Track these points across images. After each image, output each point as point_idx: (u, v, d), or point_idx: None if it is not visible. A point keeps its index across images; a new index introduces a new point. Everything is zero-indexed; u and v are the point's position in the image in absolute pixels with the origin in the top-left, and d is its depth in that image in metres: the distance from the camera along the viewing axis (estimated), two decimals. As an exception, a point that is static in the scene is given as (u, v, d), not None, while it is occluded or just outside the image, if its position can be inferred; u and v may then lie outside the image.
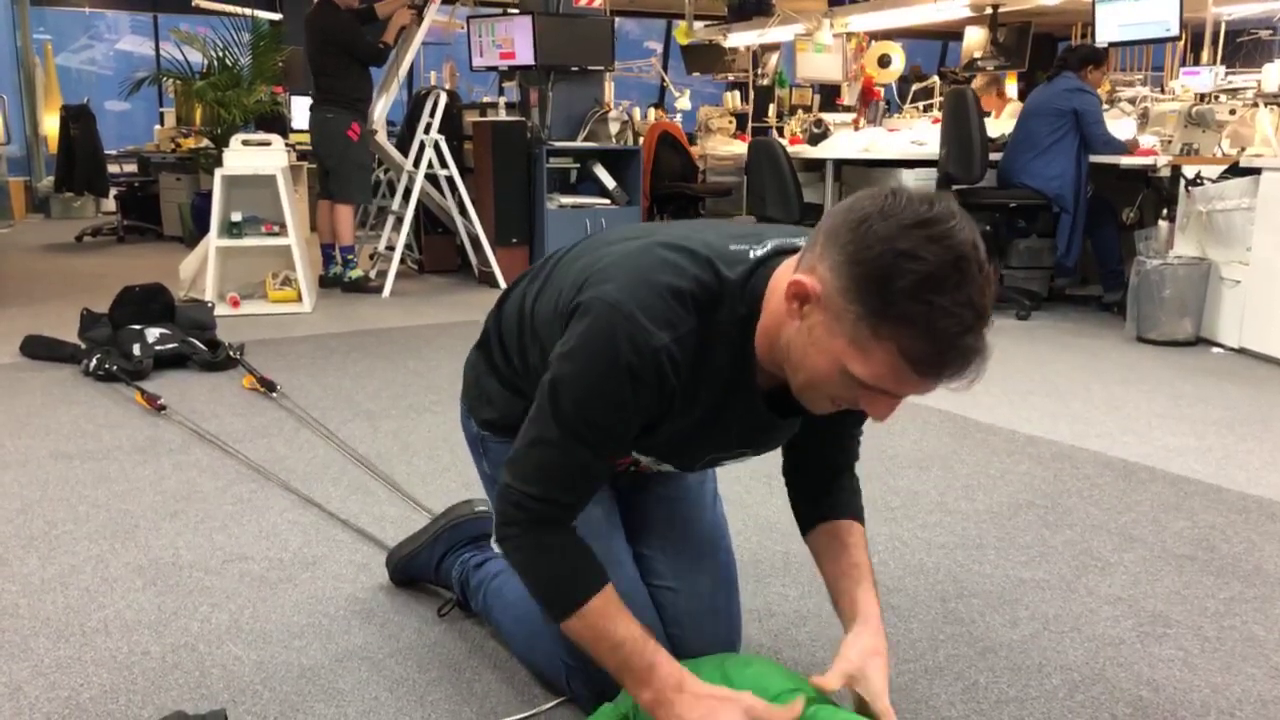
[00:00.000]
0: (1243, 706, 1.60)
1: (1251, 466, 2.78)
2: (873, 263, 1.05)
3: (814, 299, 1.11)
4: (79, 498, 2.46)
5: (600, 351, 1.19)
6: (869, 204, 1.08)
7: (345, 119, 5.52)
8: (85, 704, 1.58)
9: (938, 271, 1.03)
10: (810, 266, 1.13)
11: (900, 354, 1.06)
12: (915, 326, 1.04)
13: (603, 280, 1.23)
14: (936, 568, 2.11)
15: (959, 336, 1.04)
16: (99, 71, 11.01)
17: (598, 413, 1.22)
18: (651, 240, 1.28)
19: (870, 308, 1.06)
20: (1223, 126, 4.76)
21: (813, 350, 1.14)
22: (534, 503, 1.25)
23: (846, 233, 1.08)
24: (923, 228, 1.04)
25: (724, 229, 1.33)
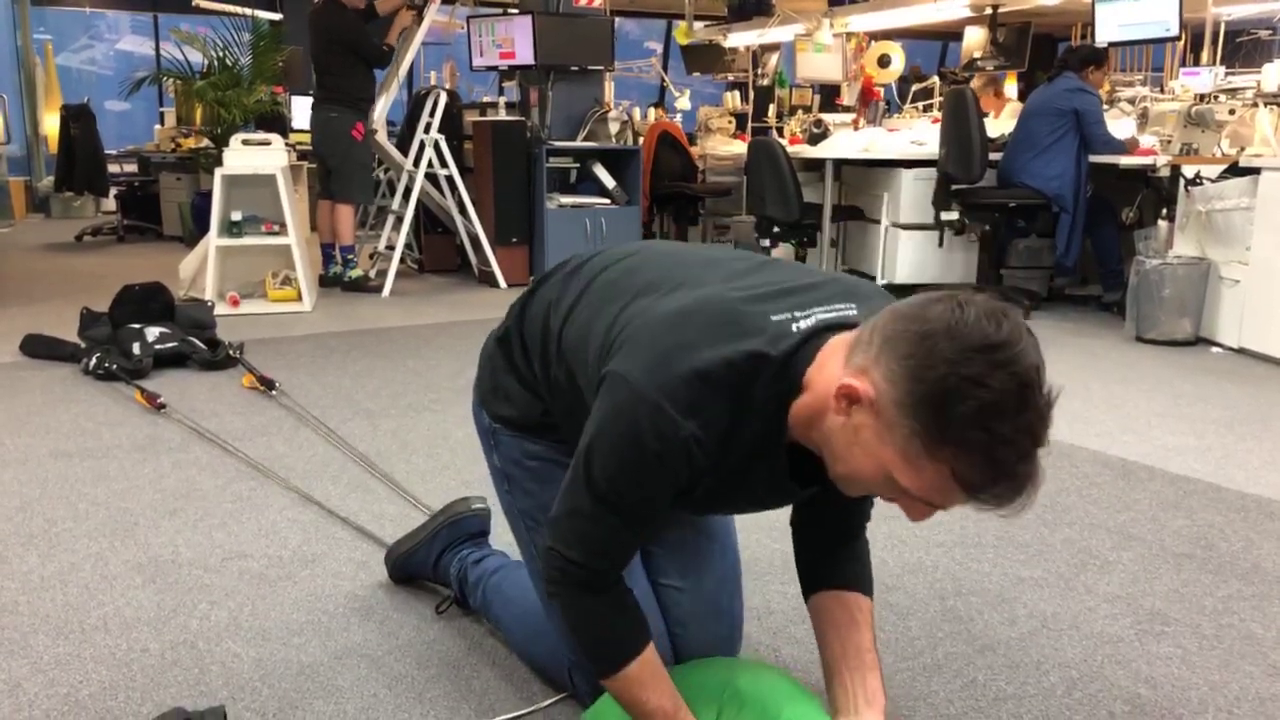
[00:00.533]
0: (1240, 704, 1.60)
1: (1250, 465, 2.78)
2: (935, 383, 1.01)
3: (866, 404, 1.08)
4: (78, 495, 2.46)
5: (626, 435, 1.18)
6: (935, 317, 1.04)
7: (349, 118, 5.52)
8: (84, 701, 1.59)
9: (1002, 400, 0.99)
10: (863, 368, 1.08)
11: (953, 476, 1.04)
12: (973, 453, 1.01)
13: (630, 356, 1.19)
14: (935, 565, 2.11)
15: (1015, 465, 1.02)
16: (99, 71, 11.01)
17: (627, 489, 1.21)
18: (689, 304, 1.22)
19: (927, 427, 1.02)
20: (1222, 126, 4.76)
21: (858, 450, 1.10)
22: (576, 568, 1.26)
23: (907, 345, 1.04)
24: (990, 352, 1.00)
25: (775, 278, 1.27)
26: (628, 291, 1.31)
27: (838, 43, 6.93)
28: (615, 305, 1.30)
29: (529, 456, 1.53)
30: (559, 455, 1.50)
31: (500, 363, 1.55)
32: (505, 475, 1.58)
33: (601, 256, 1.46)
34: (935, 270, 5.53)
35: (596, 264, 1.44)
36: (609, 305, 1.31)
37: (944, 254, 5.50)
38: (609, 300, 1.32)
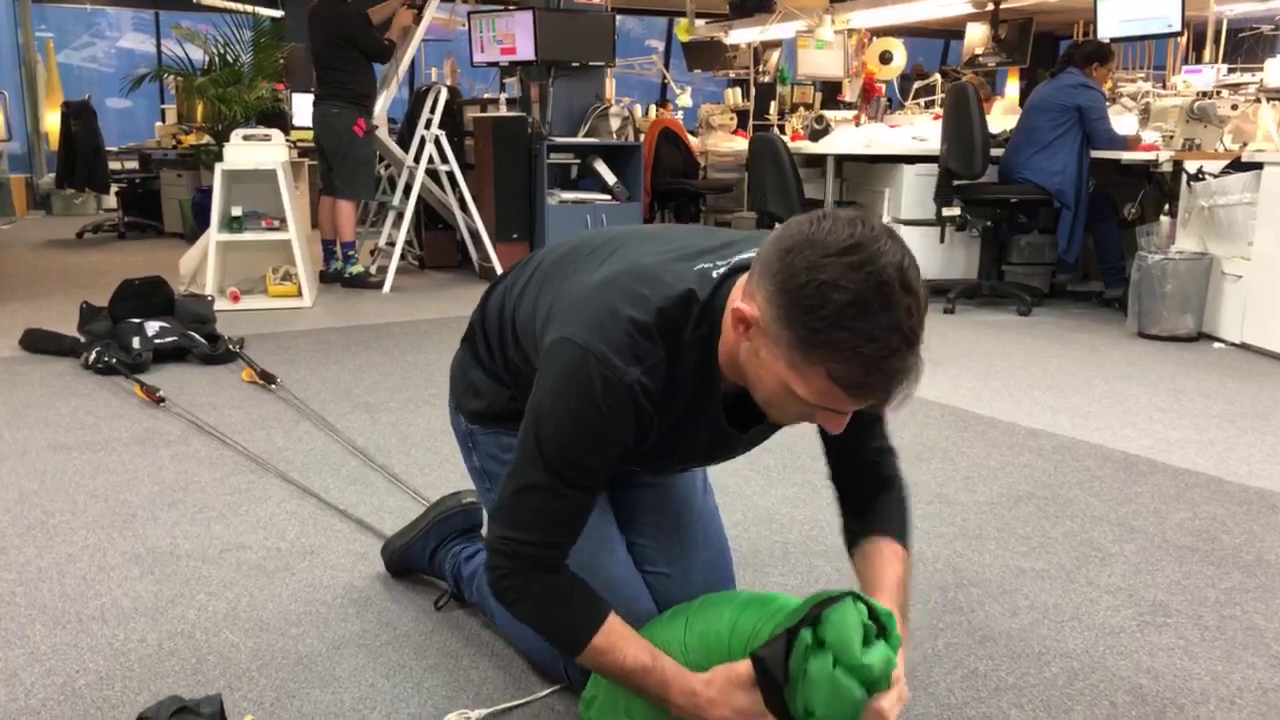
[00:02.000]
0: (1243, 694, 1.60)
1: (1253, 459, 2.77)
2: (797, 291, 1.08)
3: (754, 325, 1.15)
4: (76, 488, 2.46)
5: (575, 393, 1.22)
6: (796, 231, 1.11)
7: (351, 115, 5.50)
8: (81, 690, 1.58)
9: (859, 299, 1.05)
10: (750, 293, 1.16)
11: (830, 377, 1.10)
12: (841, 352, 1.07)
13: (569, 319, 1.26)
14: (936, 557, 2.10)
15: (884, 360, 1.07)
16: (100, 69, 11.01)
17: (581, 453, 1.25)
18: (618, 269, 1.30)
19: (799, 335, 1.09)
20: (1224, 121, 4.75)
21: (761, 371, 1.17)
22: (529, 548, 1.28)
23: (776, 261, 1.11)
24: (845, 255, 1.06)
25: (697, 241, 1.35)
26: (568, 267, 1.39)
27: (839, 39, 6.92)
28: (556, 281, 1.37)
29: (506, 450, 1.55)
30: None
31: (468, 361, 1.62)
32: (485, 473, 1.62)
33: (551, 245, 1.53)
34: (937, 266, 5.52)
35: (545, 250, 1.51)
36: (551, 281, 1.39)
37: (945, 250, 5.49)
38: (551, 277, 1.40)
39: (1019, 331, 4.60)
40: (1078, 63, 5.00)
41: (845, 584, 2.01)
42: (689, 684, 1.28)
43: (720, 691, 1.26)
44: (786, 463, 2.69)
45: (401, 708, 1.54)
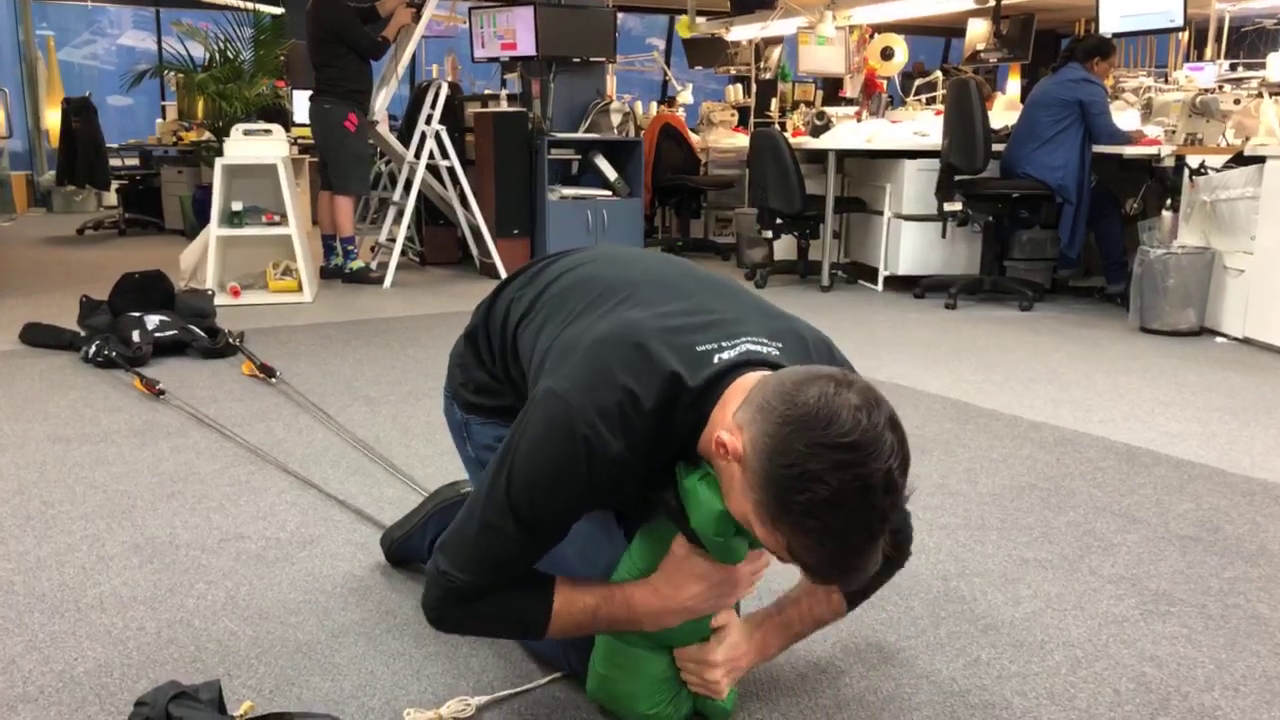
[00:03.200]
0: (1247, 682, 1.59)
1: (1256, 451, 2.77)
2: (783, 470, 1.06)
3: (735, 458, 1.13)
4: (76, 479, 2.45)
5: (556, 452, 1.21)
6: (803, 402, 1.07)
7: (342, 110, 5.51)
8: (79, 677, 1.57)
9: (837, 499, 1.04)
10: (741, 425, 1.13)
11: (790, 551, 1.10)
12: (807, 537, 1.07)
13: (563, 372, 1.24)
14: (938, 547, 2.09)
15: (842, 557, 1.08)
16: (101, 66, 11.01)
17: (549, 508, 1.24)
18: (621, 326, 1.27)
19: (769, 504, 1.09)
20: (1227, 116, 4.74)
21: (733, 494, 1.15)
22: (470, 587, 1.28)
23: (772, 424, 1.08)
24: (839, 451, 1.04)
25: (712, 305, 1.33)
26: (575, 304, 1.37)
27: (840, 35, 6.91)
28: (560, 318, 1.37)
29: (499, 441, 1.53)
30: None
31: (470, 359, 1.61)
32: (479, 463, 1.61)
33: (560, 262, 1.52)
34: (938, 262, 5.51)
35: (554, 270, 1.50)
36: (556, 316, 1.38)
37: (947, 245, 5.48)
38: (557, 311, 1.39)
39: (1021, 327, 4.59)
40: (1079, 58, 4.99)
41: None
42: (647, 588, 1.32)
43: (673, 574, 1.30)
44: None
45: (401, 695, 1.53)
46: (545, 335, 1.37)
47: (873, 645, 1.69)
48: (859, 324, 4.60)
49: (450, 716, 1.45)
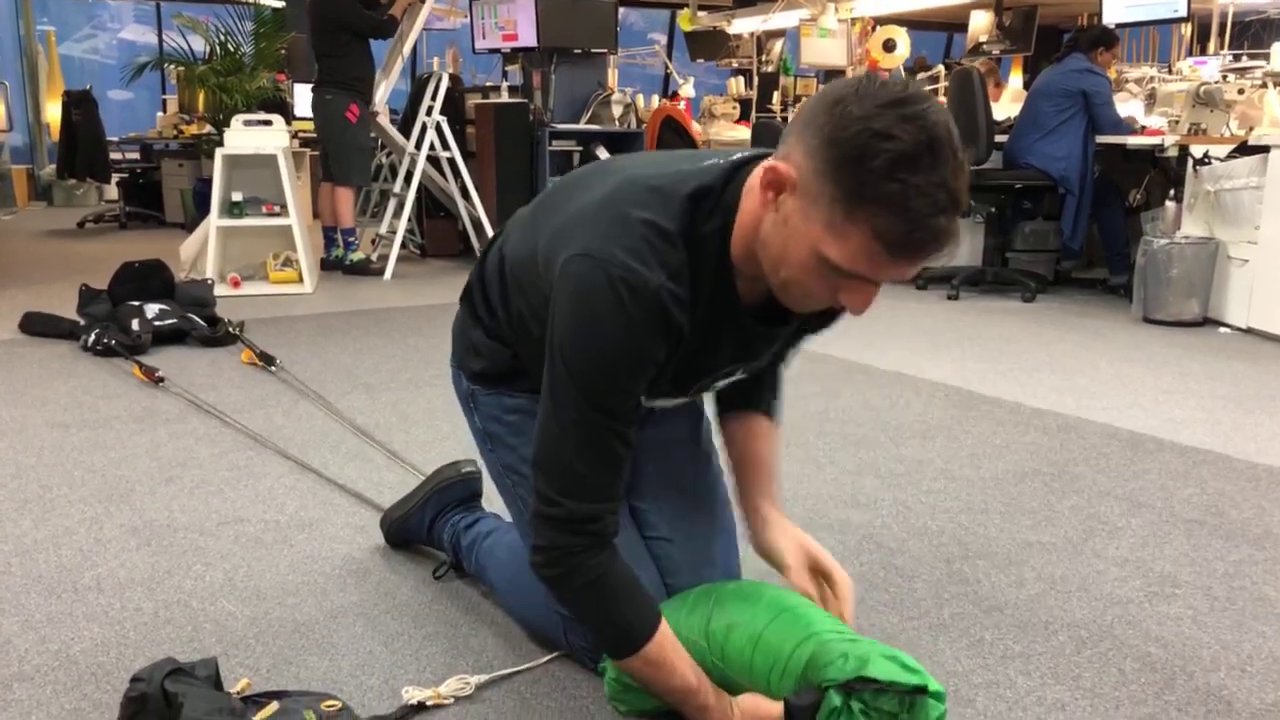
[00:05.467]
0: (1254, 662, 1.57)
1: (1260, 438, 2.75)
2: (848, 142, 1.03)
3: (789, 185, 1.10)
4: (74, 464, 2.44)
5: (598, 311, 1.14)
6: (844, 87, 1.07)
7: (344, 100, 5.49)
8: (76, 656, 1.56)
9: (912, 151, 1.01)
10: (785, 154, 1.11)
11: (874, 235, 1.05)
12: (889, 206, 1.02)
13: (575, 238, 1.19)
14: (941, 531, 2.08)
15: (931, 217, 1.03)
16: (102, 60, 10.99)
17: (616, 378, 1.17)
18: (619, 182, 1.24)
19: (845, 188, 1.04)
20: (1231, 106, 4.72)
21: (790, 240, 1.11)
22: (580, 508, 1.20)
23: (822, 115, 1.06)
24: (897, 107, 1.02)
25: (695, 154, 1.31)
26: (561, 201, 1.33)
27: (843, 28, 6.89)
28: (551, 215, 1.31)
29: (508, 411, 1.53)
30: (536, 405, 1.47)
31: (468, 321, 1.56)
32: (487, 434, 1.57)
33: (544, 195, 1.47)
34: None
35: (537, 200, 1.47)
36: (546, 217, 1.32)
37: (949, 237, 5.45)
38: (544, 214, 1.35)
39: (1024, 317, 4.57)
40: (1083, 47, 4.97)
41: (847, 552, 1.99)
42: (726, 717, 1.26)
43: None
44: (790, 440, 2.67)
45: (400, 674, 1.52)
46: (542, 233, 1.30)
47: (875, 626, 1.68)
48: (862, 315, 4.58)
49: (449, 694, 1.44)
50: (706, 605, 1.36)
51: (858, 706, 1.12)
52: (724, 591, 1.38)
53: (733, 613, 1.32)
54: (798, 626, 1.27)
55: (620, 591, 1.24)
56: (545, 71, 5.95)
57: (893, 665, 1.15)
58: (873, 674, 1.13)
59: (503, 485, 1.57)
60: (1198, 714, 1.43)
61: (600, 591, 1.23)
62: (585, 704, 1.44)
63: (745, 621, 1.30)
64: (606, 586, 1.23)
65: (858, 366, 3.46)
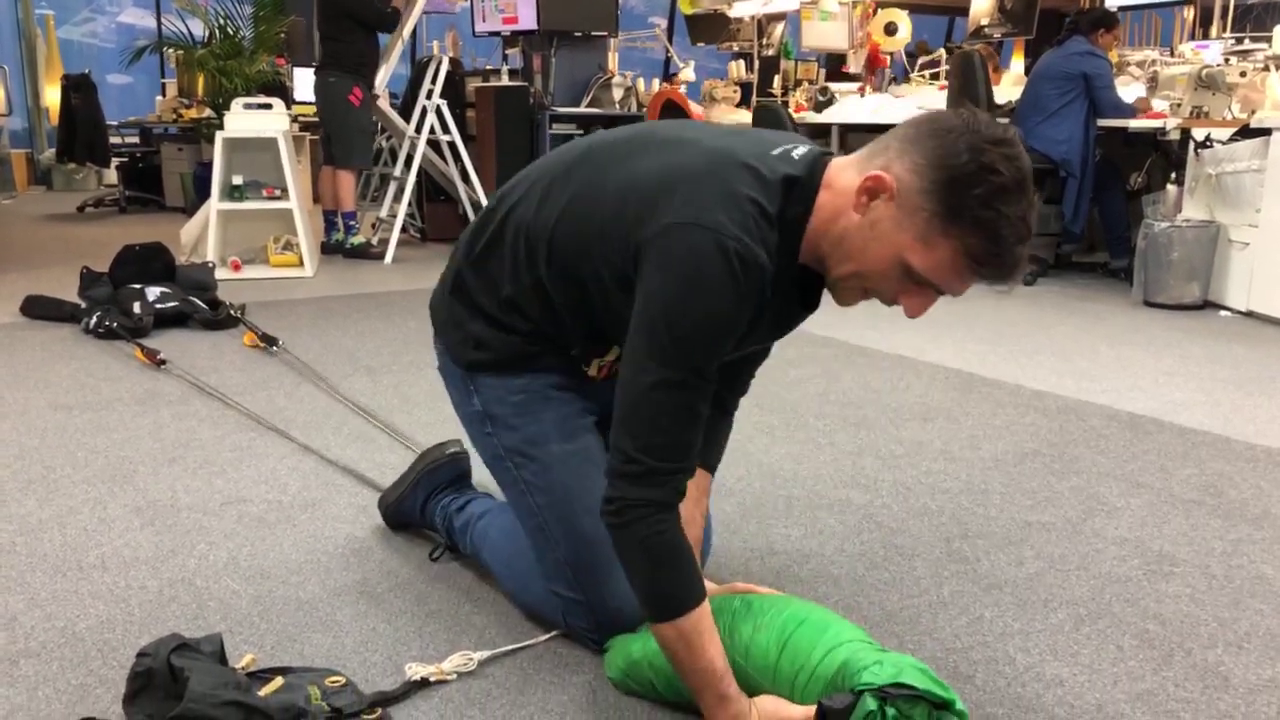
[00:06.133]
0: (1250, 639, 1.58)
1: (1260, 420, 2.76)
2: (956, 169, 1.16)
3: (887, 194, 1.20)
4: (77, 445, 2.45)
5: (710, 278, 1.20)
6: (954, 119, 1.19)
7: (347, 83, 5.47)
8: (81, 633, 1.57)
9: (1009, 186, 1.15)
10: (885, 165, 1.21)
11: (964, 252, 1.18)
12: (982, 230, 1.16)
13: (685, 200, 1.23)
14: (941, 510, 2.09)
15: (1015, 244, 1.17)
16: (101, 44, 10.94)
17: (714, 340, 1.23)
18: (704, 153, 1.28)
19: (947, 207, 1.17)
20: (1233, 89, 4.70)
21: (874, 243, 1.22)
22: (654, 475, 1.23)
23: (932, 140, 1.18)
24: (1001, 146, 1.16)
25: (748, 136, 1.35)
26: (614, 163, 1.35)
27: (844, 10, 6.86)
28: (613, 177, 1.33)
29: (513, 392, 1.53)
30: (542, 386, 1.52)
31: (462, 313, 1.54)
32: (488, 416, 1.56)
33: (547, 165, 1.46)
34: (941, 237, 5.48)
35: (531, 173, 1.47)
36: (607, 176, 1.34)
37: (950, 221, 5.45)
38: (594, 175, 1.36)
39: (1024, 300, 4.58)
40: (1084, 30, 4.96)
41: (847, 532, 2.00)
42: (744, 716, 1.25)
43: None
44: (790, 421, 2.67)
45: (403, 650, 1.53)
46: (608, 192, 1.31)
47: (874, 604, 1.69)
48: (861, 298, 4.58)
49: (452, 670, 1.45)
50: (732, 606, 1.37)
51: (891, 713, 1.13)
52: (750, 597, 1.39)
53: (759, 616, 1.33)
54: (827, 634, 1.28)
55: (675, 556, 1.26)
56: (545, 55, 5.94)
57: (925, 677, 1.17)
58: (908, 681, 1.14)
59: (501, 469, 1.56)
60: (1195, 689, 1.44)
61: (657, 551, 1.25)
62: (588, 680, 1.45)
63: (772, 624, 1.32)
64: (664, 547, 1.25)
65: (858, 349, 3.47)
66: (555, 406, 1.52)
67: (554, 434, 1.51)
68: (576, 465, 1.50)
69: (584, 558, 1.47)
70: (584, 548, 1.47)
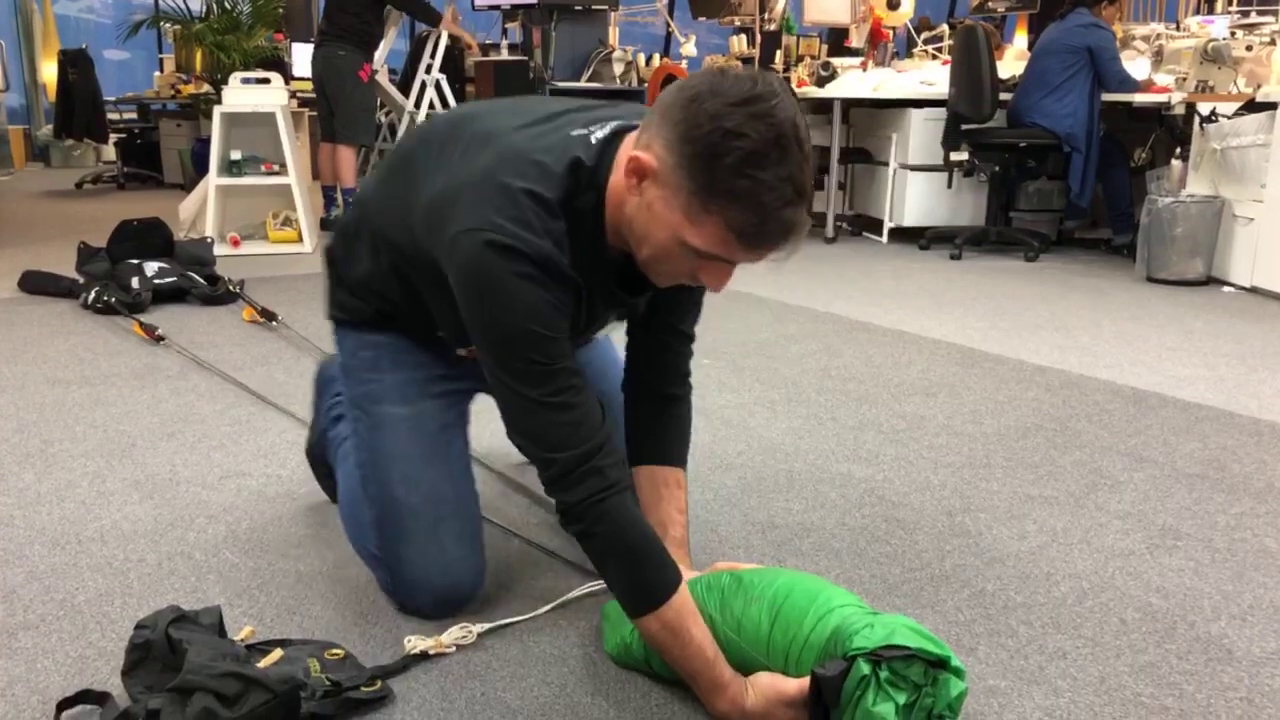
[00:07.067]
0: (1254, 612, 1.58)
1: (1264, 395, 2.75)
2: (701, 140, 1.09)
3: (650, 175, 1.16)
4: (75, 419, 2.44)
5: (498, 279, 1.19)
6: (699, 82, 1.12)
7: (356, 59, 5.38)
8: (80, 606, 1.56)
9: (760, 149, 1.08)
10: (647, 143, 1.17)
11: (728, 226, 1.12)
12: (740, 200, 1.10)
13: (459, 214, 1.23)
14: (943, 485, 2.08)
15: (779, 210, 1.10)
16: (98, 20, 10.86)
17: (539, 332, 1.21)
18: (493, 155, 1.26)
19: (700, 183, 1.11)
20: (1239, 63, 4.66)
21: (653, 224, 1.18)
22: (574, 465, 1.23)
23: (679, 110, 1.12)
24: (746, 105, 1.08)
25: (555, 107, 1.35)
26: (429, 162, 1.35)
27: (846, -16, 6.78)
28: (424, 179, 1.33)
29: (366, 347, 1.57)
30: (397, 347, 1.55)
31: (331, 281, 1.60)
32: (344, 368, 1.61)
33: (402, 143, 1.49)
34: (944, 212, 5.47)
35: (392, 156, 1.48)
36: (414, 180, 1.35)
37: (953, 196, 5.43)
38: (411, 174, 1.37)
39: (1026, 276, 4.56)
40: (1087, 2, 4.91)
41: (849, 506, 1.99)
42: (740, 699, 1.24)
43: (766, 710, 1.22)
44: (791, 396, 2.66)
45: (404, 623, 1.52)
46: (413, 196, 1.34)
47: (877, 577, 1.68)
48: (864, 274, 4.56)
49: (452, 643, 1.44)
50: (721, 583, 1.35)
51: (885, 675, 1.12)
52: (740, 572, 1.37)
53: (749, 590, 1.32)
54: (817, 601, 1.26)
55: (642, 544, 1.25)
56: (546, 29, 5.89)
57: (918, 635, 1.15)
58: (900, 642, 1.13)
59: (350, 420, 1.61)
60: (1198, 662, 1.43)
61: (622, 544, 1.24)
62: (589, 652, 1.44)
63: (762, 596, 1.30)
64: (627, 538, 1.24)
65: (860, 325, 3.45)
66: (400, 369, 1.54)
67: (392, 395, 1.53)
68: (404, 431, 1.52)
69: (389, 524, 1.51)
70: (391, 514, 1.50)
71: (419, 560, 1.48)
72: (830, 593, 1.28)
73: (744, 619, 1.30)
